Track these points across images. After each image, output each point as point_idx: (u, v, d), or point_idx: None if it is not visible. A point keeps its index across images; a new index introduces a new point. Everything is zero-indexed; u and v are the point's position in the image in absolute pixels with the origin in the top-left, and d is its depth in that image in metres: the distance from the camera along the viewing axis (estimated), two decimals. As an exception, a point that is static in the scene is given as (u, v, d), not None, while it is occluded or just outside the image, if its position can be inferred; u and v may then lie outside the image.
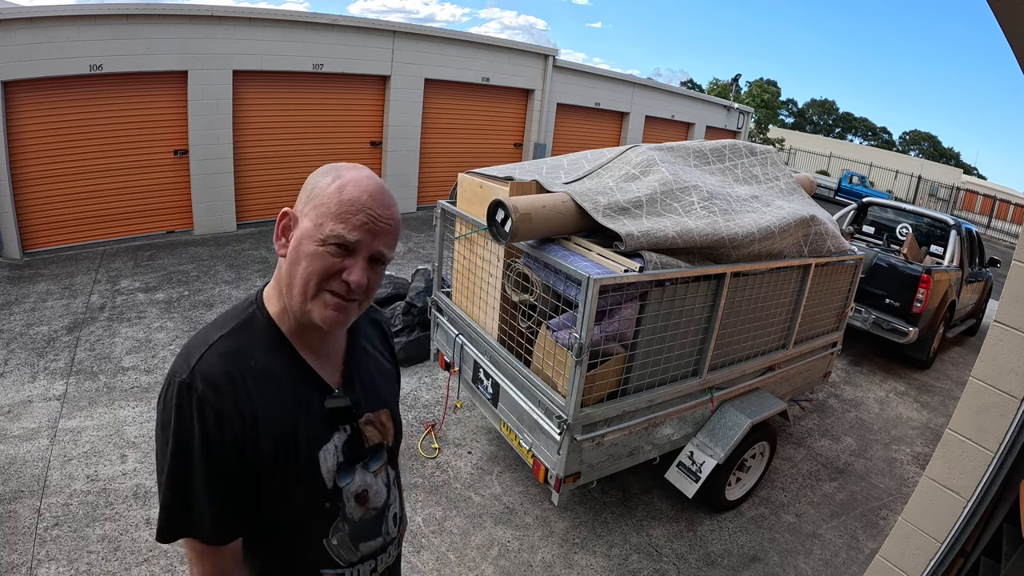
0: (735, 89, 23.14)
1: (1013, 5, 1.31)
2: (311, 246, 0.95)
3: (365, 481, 1.12)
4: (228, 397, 0.95)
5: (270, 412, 0.98)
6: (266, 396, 0.98)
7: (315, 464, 1.03)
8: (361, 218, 0.95)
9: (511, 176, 2.94)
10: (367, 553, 1.14)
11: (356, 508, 1.11)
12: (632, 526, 3.21)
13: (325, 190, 0.96)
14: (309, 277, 0.96)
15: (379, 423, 1.16)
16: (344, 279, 0.97)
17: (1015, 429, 1.76)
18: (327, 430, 1.06)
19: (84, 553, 2.62)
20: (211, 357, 0.96)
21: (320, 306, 0.98)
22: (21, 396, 3.78)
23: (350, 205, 0.95)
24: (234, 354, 0.98)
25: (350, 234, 0.95)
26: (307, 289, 0.97)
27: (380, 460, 1.16)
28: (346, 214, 0.94)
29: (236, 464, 0.96)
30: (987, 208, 25.42)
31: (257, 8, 7.97)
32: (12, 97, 6.11)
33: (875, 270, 5.81)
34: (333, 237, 0.94)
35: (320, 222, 0.95)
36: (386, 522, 1.18)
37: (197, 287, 5.87)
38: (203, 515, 0.96)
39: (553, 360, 2.64)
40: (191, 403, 0.93)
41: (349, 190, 0.95)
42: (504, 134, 11.58)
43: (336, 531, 1.08)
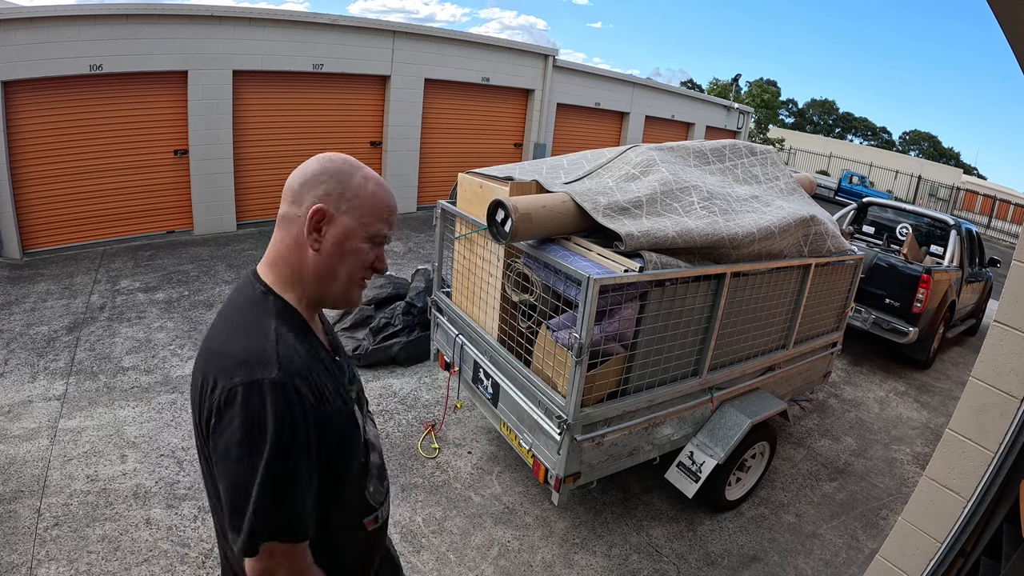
0: (735, 89, 23.14)
1: (1013, 5, 1.31)
2: (357, 243, 1.07)
3: (371, 429, 1.25)
4: (314, 388, 0.98)
5: (328, 389, 1.04)
6: (319, 376, 1.02)
7: (355, 424, 1.12)
8: (393, 217, 1.11)
9: (511, 176, 2.94)
10: (386, 490, 1.26)
11: (374, 453, 1.21)
12: (632, 526, 3.21)
13: (362, 191, 1.06)
14: (355, 270, 1.09)
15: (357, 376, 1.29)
16: (376, 267, 1.12)
17: (1015, 429, 1.76)
18: (348, 391, 1.14)
19: (84, 553, 2.62)
20: (287, 351, 0.98)
21: (357, 291, 1.13)
22: (21, 396, 3.78)
23: (385, 205, 1.09)
24: (295, 345, 1.01)
25: (390, 231, 1.11)
26: (353, 279, 1.10)
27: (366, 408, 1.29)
28: (384, 214, 1.09)
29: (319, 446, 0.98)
30: (987, 208, 25.43)
31: (257, 8, 7.98)
32: (12, 97, 6.11)
33: (875, 270, 5.81)
34: (379, 236, 1.09)
35: (365, 221, 1.06)
36: (385, 460, 1.31)
37: (197, 287, 5.87)
38: (300, 515, 0.95)
39: (553, 360, 2.64)
40: (289, 401, 0.92)
41: (382, 194, 1.09)
42: (504, 134, 11.58)
43: (371, 478, 1.18)
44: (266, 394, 0.91)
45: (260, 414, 0.90)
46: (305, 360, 1.00)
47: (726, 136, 17.39)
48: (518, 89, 11.35)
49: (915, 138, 56.35)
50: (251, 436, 0.90)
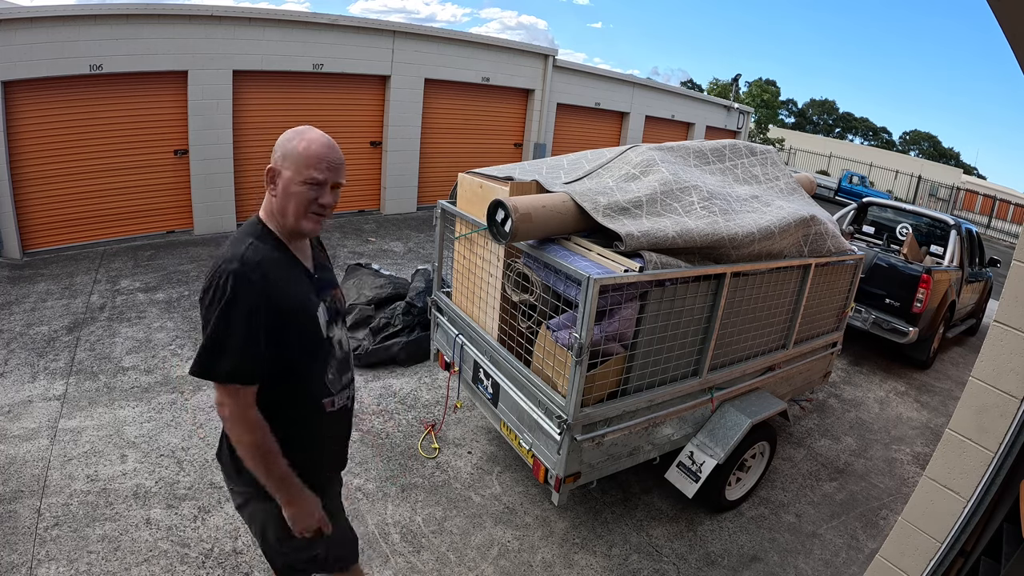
0: (735, 89, 23.13)
1: (1013, 6, 1.31)
2: (295, 187, 1.49)
3: (339, 334, 1.71)
4: (266, 277, 1.44)
5: (289, 287, 1.51)
6: (285, 277, 1.51)
7: (316, 321, 1.59)
8: (324, 164, 1.50)
9: (511, 176, 2.94)
10: (346, 382, 1.73)
11: (338, 349, 1.69)
12: (632, 526, 3.21)
13: (297, 149, 1.48)
14: (300, 205, 1.50)
15: (339, 296, 1.76)
16: (320, 203, 1.52)
17: (1015, 429, 1.76)
18: (318, 300, 1.61)
19: (84, 553, 2.62)
20: (249, 253, 1.45)
21: (308, 222, 1.54)
22: (21, 396, 3.78)
23: (316, 156, 1.49)
24: (261, 251, 1.48)
25: (321, 175, 1.50)
26: (299, 213, 1.51)
27: (341, 320, 1.74)
28: (315, 163, 1.48)
29: (267, 323, 1.43)
30: (987, 208, 25.43)
31: (257, 8, 7.98)
32: (12, 97, 6.11)
33: (875, 270, 5.81)
34: (311, 179, 1.49)
35: (298, 170, 1.48)
36: (350, 361, 1.78)
37: (197, 287, 5.87)
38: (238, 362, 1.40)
39: (553, 360, 2.64)
40: (241, 281, 1.40)
41: (314, 147, 1.49)
42: (504, 134, 11.57)
43: (330, 367, 1.65)
44: (228, 276, 1.40)
45: (223, 286, 1.40)
46: (266, 261, 1.46)
47: (726, 136, 17.39)
48: (518, 89, 11.34)
49: (915, 138, 56.35)
50: (214, 301, 1.41)
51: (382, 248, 7.86)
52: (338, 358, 1.67)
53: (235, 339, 1.39)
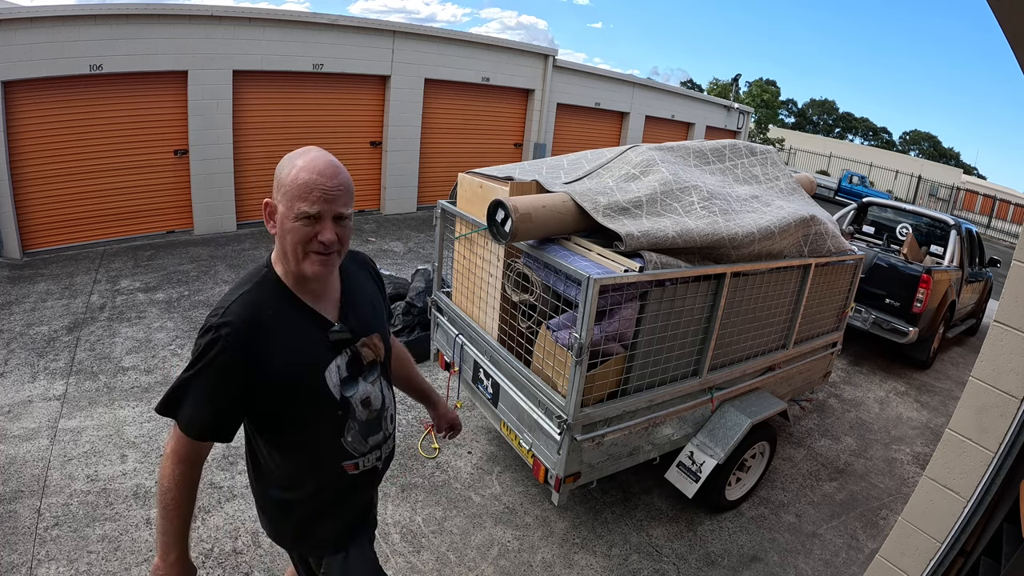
0: (735, 89, 23.13)
1: (1013, 6, 1.31)
2: (288, 223, 1.27)
3: (367, 390, 1.48)
4: (245, 336, 1.26)
5: (281, 346, 1.31)
6: (277, 334, 1.31)
7: (322, 382, 1.38)
8: (316, 193, 1.25)
9: (511, 176, 2.94)
10: (374, 444, 1.52)
11: (363, 411, 1.47)
12: (632, 526, 3.21)
13: (287, 179, 1.26)
14: (295, 245, 1.28)
15: (372, 344, 1.50)
16: (319, 240, 1.28)
17: (1015, 429, 1.76)
18: (330, 355, 1.40)
19: (84, 553, 2.62)
20: (235, 308, 1.28)
21: (309, 264, 1.31)
22: (21, 396, 3.78)
23: (305, 186, 1.25)
24: (252, 304, 1.30)
25: (311, 208, 1.25)
26: (296, 254, 1.29)
27: (375, 372, 1.52)
28: (304, 194, 1.25)
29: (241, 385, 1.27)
30: (987, 208, 25.43)
31: (257, 8, 7.98)
32: (12, 97, 6.11)
33: (875, 270, 5.81)
34: (301, 214, 1.25)
35: (289, 204, 1.26)
36: (384, 420, 1.56)
37: (197, 287, 5.87)
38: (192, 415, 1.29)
39: (553, 360, 2.64)
40: (216, 339, 1.24)
41: (303, 175, 1.25)
42: (504, 134, 11.57)
43: (349, 429, 1.45)
44: (207, 333, 1.27)
45: (198, 344, 1.27)
46: (257, 314, 1.29)
47: (726, 136, 17.39)
48: (518, 89, 11.35)
49: (915, 138, 56.34)
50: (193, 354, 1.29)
51: (382, 248, 7.86)
52: (361, 419, 1.46)
53: (200, 396, 1.27)
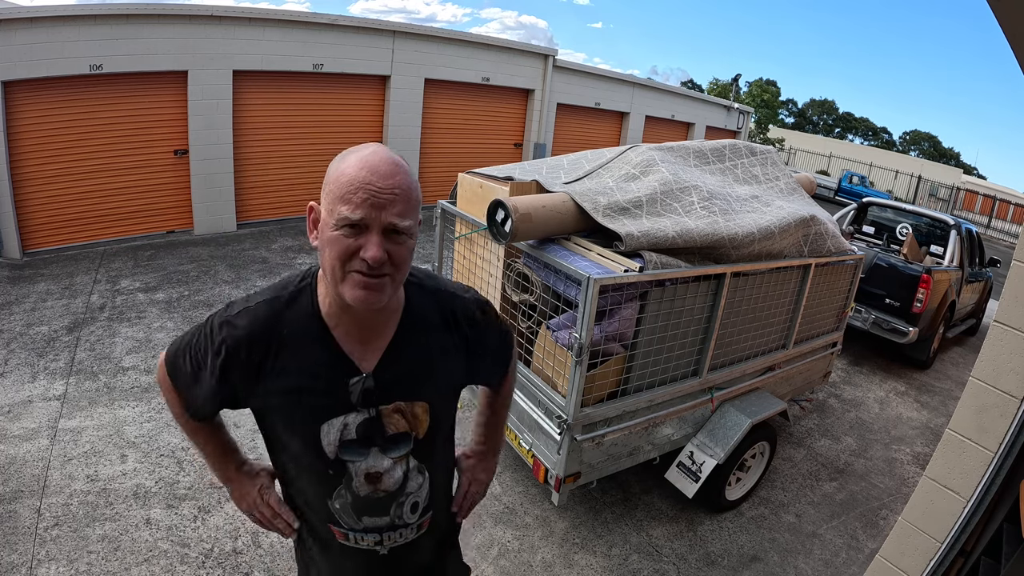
0: (735, 89, 23.13)
1: (1013, 6, 1.31)
2: (328, 232, 0.99)
3: (379, 463, 1.15)
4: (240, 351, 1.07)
5: (280, 375, 1.08)
6: (283, 360, 1.08)
7: (315, 434, 1.11)
8: (361, 195, 0.96)
9: (511, 176, 2.94)
10: (371, 526, 1.20)
11: (364, 485, 1.16)
12: (632, 526, 3.21)
13: (332, 176, 1.00)
14: (333, 262, 0.99)
15: (410, 414, 1.16)
16: (362, 257, 0.97)
17: (1015, 429, 1.76)
18: (339, 407, 1.10)
19: (84, 553, 2.62)
20: (250, 315, 1.09)
21: (349, 287, 1.00)
22: (21, 396, 3.78)
23: (349, 185, 0.96)
24: (269, 319, 1.08)
25: (353, 213, 0.96)
26: (335, 273, 1.00)
27: (403, 448, 1.17)
28: (348, 194, 0.96)
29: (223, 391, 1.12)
30: (987, 208, 25.42)
31: (257, 8, 7.98)
32: (12, 97, 6.11)
33: (875, 270, 5.81)
34: (341, 220, 0.96)
35: (331, 207, 0.98)
36: (399, 506, 1.21)
37: (197, 287, 5.87)
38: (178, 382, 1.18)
39: (553, 360, 2.64)
40: (211, 339, 1.10)
41: (349, 171, 0.97)
42: (504, 134, 11.57)
43: (338, 497, 1.17)
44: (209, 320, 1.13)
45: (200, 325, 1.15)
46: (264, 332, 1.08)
47: (726, 136, 17.39)
48: (518, 89, 11.34)
49: (915, 138, 56.35)
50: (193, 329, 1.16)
51: (382, 248, 7.86)
52: (358, 492, 1.16)
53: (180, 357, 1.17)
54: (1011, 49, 1.46)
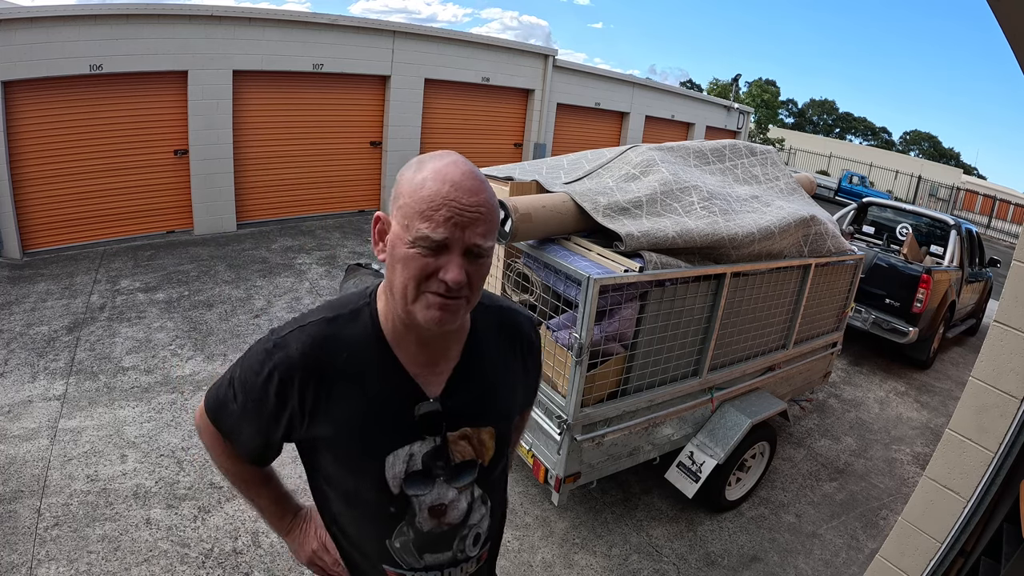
0: (735, 89, 23.13)
1: (1013, 6, 1.31)
2: (403, 249, 0.92)
3: (444, 495, 1.07)
4: (296, 378, 0.99)
5: (340, 404, 1.00)
6: (342, 388, 1.00)
7: (380, 468, 1.02)
8: (444, 212, 0.88)
9: (511, 176, 2.94)
10: (432, 564, 1.12)
11: (428, 520, 1.07)
12: (632, 526, 3.21)
13: (408, 187, 0.92)
14: (407, 282, 0.93)
15: (476, 440, 1.09)
16: (441, 278, 0.91)
17: (1015, 429, 1.76)
18: (406, 437, 1.03)
19: (84, 553, 2.62)
20: (305, 335, 1.00)
21: (422, 308, 0.94)
22: (21, 396, 3.78)
23: (431, 200, 0.89)
24: (327, 341, 1.00)
25: (435, 232, 0.88)
26: (407, 293, 0.94)
27: (469, 477, 1.10)
28: (429, 211, 0.88)
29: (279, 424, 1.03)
30: (987, 208, 25.43)
31: (257, 8, 7.98)
32: (12, 97, 6.11)
33: (875, 270, 5.81)
34: (420, 238, 0.89)
35: (407, 223, 0.91)
36: (462, 540, 1.13)
37: (197, 287, 5.87)
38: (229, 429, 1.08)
39: (553, 360, 2.64)
40: (264, 364, 1.00)
41: (429, 184, 0.90)
42: (504, 134, 11.57)
43: (399, 535, 1.07)
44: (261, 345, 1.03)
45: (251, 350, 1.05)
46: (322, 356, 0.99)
47: (726, 136, 17.39)
48: (518, 89, 11.34)
49: (915, 138, 56.36)
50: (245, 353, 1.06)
51: (382, 248, 7.85)
52: (421, 528, 1.07)
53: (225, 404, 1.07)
54: (1011, 49, 1.46)
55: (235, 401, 1.04)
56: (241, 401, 1.03)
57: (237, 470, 1.14)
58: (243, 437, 1.07)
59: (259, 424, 1.04)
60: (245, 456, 1.10)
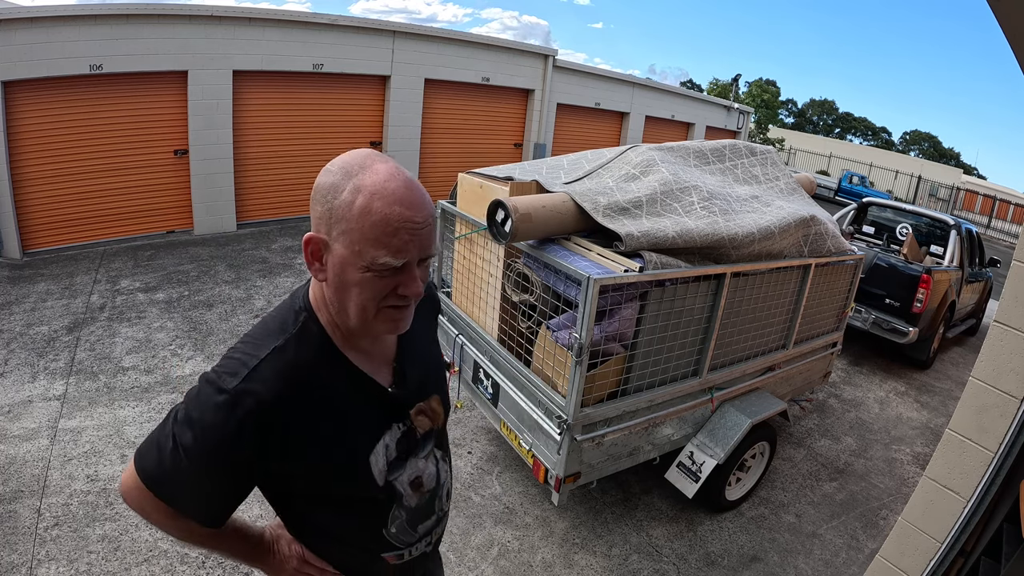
0: (735, 89, 23.13)
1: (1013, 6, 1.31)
2: (356, 274, 0.89)
3: (418, 468, 1.13)
4: (274, 417, 0.92)
5: (317, 428, 0.97)
6: (315, 412, 0.96)
7: (367, 469, 1.03)
8: (403, 237, 0.87)
9: (511, 176, 2.94)
10: (423, 532, 1.18)
11: (412, 495, 1.12)
12: (632, 526, 3.21)
13: (349, 210, 0.86)
14: (365, 303, 0.92)
15: (430, 410, 1.16)
16: (401, 293, 0.93)
17: (1015, 429, 1.76)
18: (379, 432, 1.05)
19: (84, 553, 2.62)
20: (264, 373, 0.92)
21: (383, 321, 0.96)
22: (21, 396, 3.78)
23: (385, 227, 0.85)
24: (289, 371, 0.94)
25: (396, 259, 0.88)
26: (366, 312, 0.93)
27: (430, 444, 1.16)
28: (384, 237, 0.86)
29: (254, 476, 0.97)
30: (987, 208, 25.43)
31: (257, 8, 7.98)
32: (12, 97, 6.11)
33: (875, 270, 5.81)
34: (377, 266, 0.88)
35: (357, 248, 0.87)
36: (439, 500, 1.20)
37: (197, 287, 5.87)
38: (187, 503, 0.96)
39: (553, 360, 2.64)
40: (228, 418, 0.89)
41: (378, 207, 0.85)
42: (504, 134, 11.58)
43: (394, 519, 1.11)
44: (212, 398, 0.91)
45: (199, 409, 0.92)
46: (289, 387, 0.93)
47: (726, 136, 17.39)
48: (518, 89, 11.35)
49: (915, 138, 56.36)
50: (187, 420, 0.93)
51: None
52: (409, 505, 1.12)
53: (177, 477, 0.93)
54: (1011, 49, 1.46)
55: (188, 470, 0.91)
56: (200, 468, 0.91)
57: (196, 529, 1.01)
58: (202, 505, 0.97)
59: (226, 485, 0.96)
60: (204, 522, 0.99)
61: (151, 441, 0.96)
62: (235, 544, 1.11)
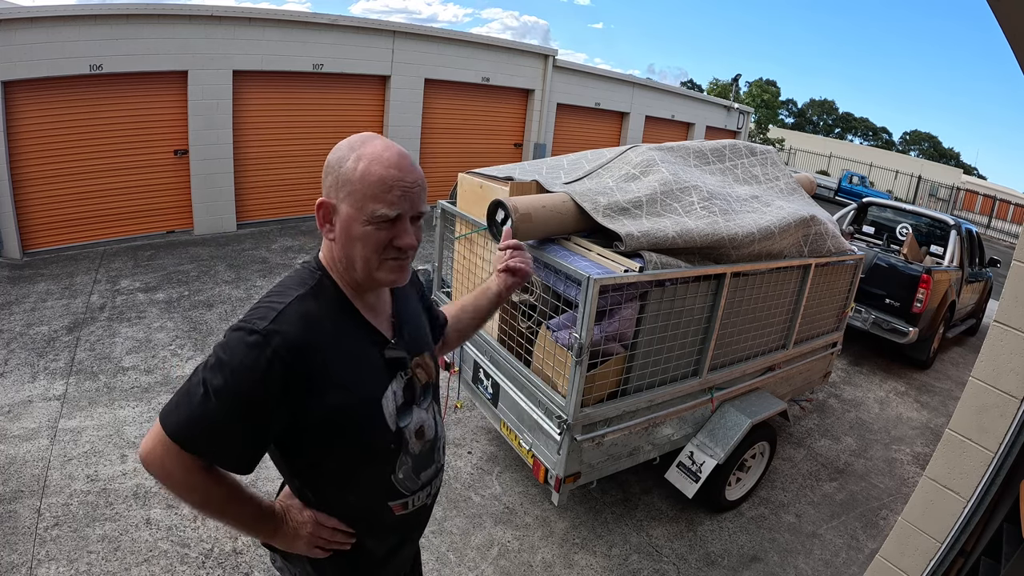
0: (735, 89, 23.13)
1: (1013, 6, 1.31)
2: (359, 228, 1.06)
3: (421, 417, 1.26)
4: (300, 358, 1.02)
5: (338, 371, 1.08)
6: (334, 356, 1.08)
7: (379, 411, 1.15)
8: (396, 193, 1.05)
9: (511, 176, 2.94)
10: (425, 480, 1.29)
11: (416, 443, 1.24)
12: (632, 526, 3.21)
13: (353, 174, 1.05)
14: (369, 255, 1.08)
15: (425, 365, 1.29)
16: (396, 245, 1.09)
17: (1015, 429, 1.76)
18: (387, 378, 1.18)
19: (84, 553, 2.62)
20: (291, 316, 1.04)
21: (386, 271, 1.11)
22: (21, 396, 3.78)
23: (381, 184, 1.04)
24: (310, 316, 1.07)
25: (391, 210, 1.05)
26: (370, 263, 1.09)
27: (429, 397, 1.30)
28: (381, 193, 1.04)
29: (281, 419, 1.04)
30: (987, 208, 25.43)
31: (257, 8, 7.98)
32: (12, 97, 6.11)
33: (875, 270, 5.81)
34: (378, 217, 1.05)
35: (360, 205, 1.05)
36: (437, 451, 1.33)
37: (197, 287, 5.87)
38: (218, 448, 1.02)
39: (553, 360, 2.64)
40: (259, 356, 0.99)
41: (376, 169, 1.04)
42: (504, 134, 11.57)
43: (402, 465, 1.22)
44: (243, 339, 1.00)
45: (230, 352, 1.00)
46: (307, 331, 1.04)
47: (726, 136, 17.39)
48: (518, 89, 11.35)
49: (915, 138, 56.35)
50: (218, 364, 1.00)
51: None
52: (414, 452, 1.23)
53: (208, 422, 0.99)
54: (1011, 49, 1.46)
55: (218, 413, 0.98)
56: (230, 409, 0.99)
57: (216, 492, 1.06)
58: (234, 448, 1.03)
59: (257, 424, 1.02)
60: (233, 468, 1.05)
61: (177, 398, 1.03)
62: (249, 509, 1.13)
